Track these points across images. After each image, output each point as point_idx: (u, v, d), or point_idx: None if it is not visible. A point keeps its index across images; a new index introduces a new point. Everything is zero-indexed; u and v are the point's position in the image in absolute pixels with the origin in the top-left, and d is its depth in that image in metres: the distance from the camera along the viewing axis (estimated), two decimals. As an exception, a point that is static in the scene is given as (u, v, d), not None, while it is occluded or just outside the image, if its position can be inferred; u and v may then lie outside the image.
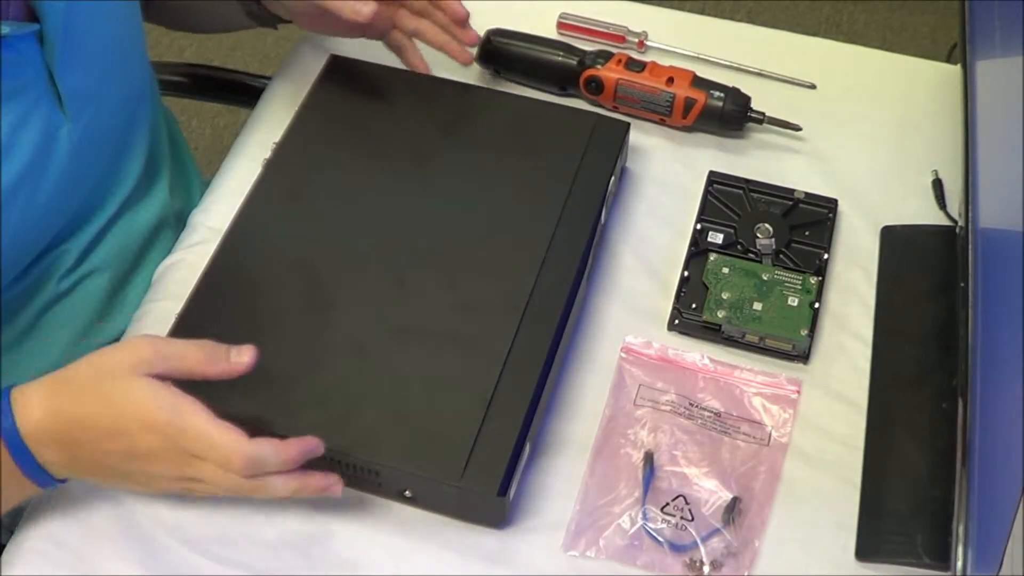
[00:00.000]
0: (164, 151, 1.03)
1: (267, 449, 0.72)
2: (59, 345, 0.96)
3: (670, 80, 1.01)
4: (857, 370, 0.89)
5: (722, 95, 1.00)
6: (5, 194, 0.81)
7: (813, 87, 1.06)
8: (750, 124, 1.02)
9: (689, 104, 1.00)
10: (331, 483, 0.76)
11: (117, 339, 0.92)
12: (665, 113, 1.01)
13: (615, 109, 1.03)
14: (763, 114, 1.01)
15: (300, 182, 0.93)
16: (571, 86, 1.04)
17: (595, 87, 1.02)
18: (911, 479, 0.82)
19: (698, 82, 1.01)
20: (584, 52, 1.04)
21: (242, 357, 0.75)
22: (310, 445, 0.74)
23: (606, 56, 1.03)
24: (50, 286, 0.93)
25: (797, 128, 1.01)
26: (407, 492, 0.80)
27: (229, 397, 0.80)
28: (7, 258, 0.85)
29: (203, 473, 0.73)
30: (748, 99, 1.01)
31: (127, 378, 0.72)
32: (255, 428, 0.74)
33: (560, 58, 1.03)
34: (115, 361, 0.73)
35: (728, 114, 1.01)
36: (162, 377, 0.73)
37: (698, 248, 0.94)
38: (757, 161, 1.01)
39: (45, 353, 0.95)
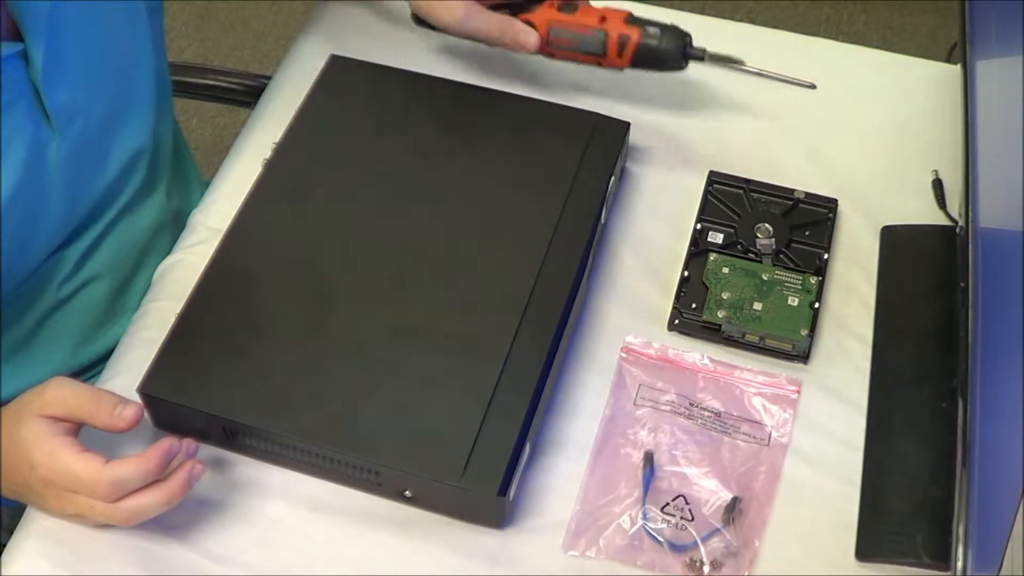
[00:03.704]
0: (167, 156, 1.03)
1: (126, 468, 0.74)
2: (61, 352, 0.96)
3: (602, 19, 0.97)
4: (857, 370, 0.89)
5: (657, 31, 0.96)
6: None
7: (813, 87, 1.06)
8: (751, 124, 1.02)
9: (623, 42, 0.96)
10: (190, 468, 0.76)
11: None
12: (600, 54, 0.98)
13: (551, 56, 1.00)
14: (703, 51, 0.97)
15: (300, 182, 0.93)
16: None
17: None
18: (911, 479, 0.82)
19: (632, 20, 0.97)
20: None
21: (125, 412, 0.76)
22: (166, 448, 0.75)
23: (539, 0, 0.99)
24: (49, 293, 0.93)
25: (741, 62, 0.98)
26: (407, 492, 0.80)
27: (231, 397, 0.81)
28: (8, 271, 0.85)
29: (79, 507, 0.75)
30: (687, 35, 0.97)
31: (28, 419, 0.75)
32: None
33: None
34: (27, 401, 0.76)
35: (666, 51, 0.96)
36: (64, 420, 0.76)
37: (698, 248, 0.94)
38: (757, 160, 1.01)
39: (47, 360, 0.95)
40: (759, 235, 0.94)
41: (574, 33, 0.97)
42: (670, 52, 0.97)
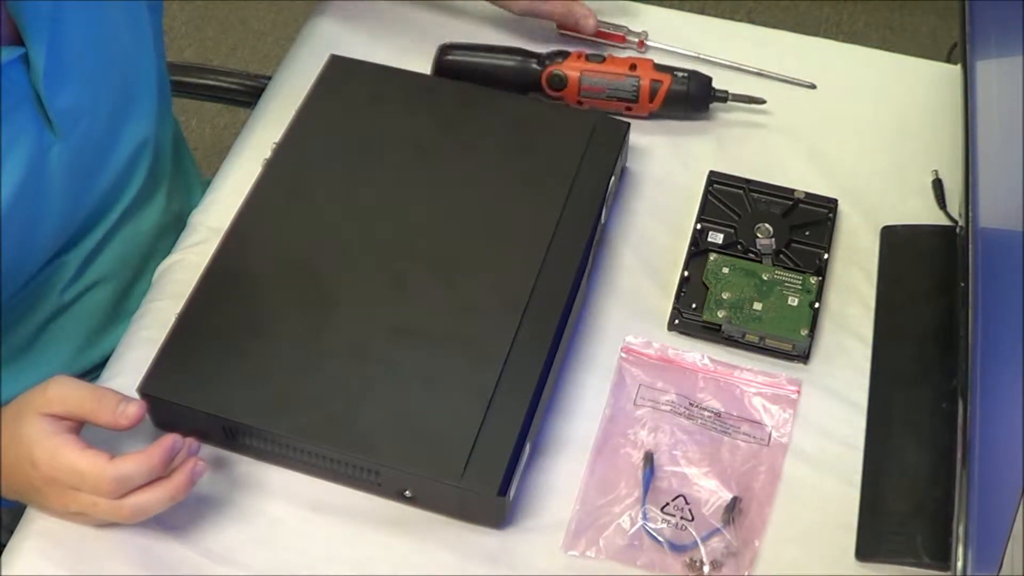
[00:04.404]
0: (168, 159, 1.03)
1: (129, 465, 0.74)
2: (63, 356, 0.96)
3: (633, 67, 1.01)
4: (857, 370, 0.89)
5: (686, 76, 1.01)
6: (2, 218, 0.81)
7: (813, 87, 1.06)
8: (750, 121, 1.02)
9: (655, 87, 1.00)
10: (192, 466, 0.76)
11: None
12: (632, 100, 1.01)
13: (579, 104, 1.03)
14: (727, 92, 1.02)
15: (300, 182, 0.93)
16: (532, 88, 1.03)
17: (558, 83, 1.02)
18: (911, 479, 0.82)
19: (660, 67, 1.01)
20: (539, 53, 1.03)
21: (127, 410, 0.76)
22: (169, 444, 0.75)
23: (564, 54, 1.02)
24: (52, 298, 0.93)
25: (762, 101, 1.02)
26: (407, 492, 0.80)
27: (231, 397, 0.81)
28: (9, 276, 0.85)
29: (83, 505, 0.75)
30: (710, 79, 1.02)
31: (29, 418, 0.75)
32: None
33: (518, 63, 1.03)
34: (28, 400, 0.76)
35: (693, 95, 1.01)
36: (66, 418, 0.75)
37: (698, 248, 0.94)
38: (757, 161, 1.01)
39: (49, 364, 0.95)
40: (759, 235, 0.94)
41: (609, 81, 1.01)
42: (698, 96, 1.01)
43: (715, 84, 1.02)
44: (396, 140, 0.96)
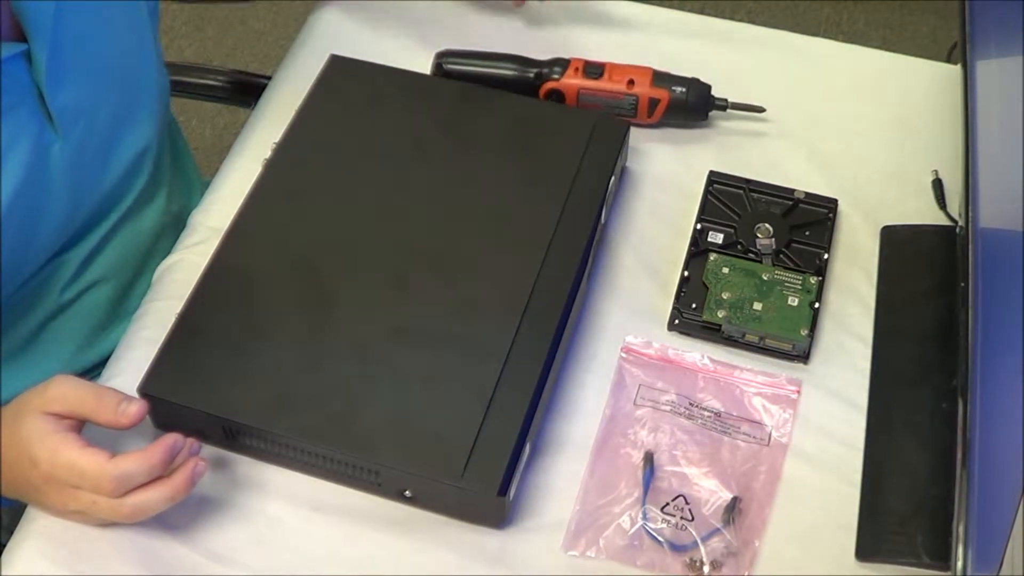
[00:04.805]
0: (167, 159, 1.03)
1: (130, 463, 0.74)
2: (63, 356, 0.96)
3: (631, 82, 1.00)
4: (857, 370, 0.89)
5: (684, 89, 1.00)
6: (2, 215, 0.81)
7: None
8: (751, 124, 1.02)
9: (654, 104, 1.00)
10: (193, 466, 0.76)
11: None
12: (630, 114, 1.01)
13: None
14: (726, 101, 1.02)
15: (300, 182, 0.93)
16: (531, 96, 1.03)
17: (556, 98, 1.02)
18: (911, 479, 0.82)
19: (659, 78, 1.01)
20: (539, 62, 1.02)
21: (129, 409, 0.76)
22: (170, 443, 0.75)
23: (562, 64, 1.02)
24: (52, 297, 0.93)
25: (761, 110, 1.02)
26: (407, 492, 0.80)
27: (231, 397, 0.81)
28: (9, 274, 0.85)
29: (82, 503, 0.75)
30: (709, 87, 1.01)
31: (30, 416, 0.75)
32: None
33: (515, 73, 1.02)
34: (29, 399, 0.76)
35: (692, 106, 1.01)
36: (67, 417, 0.75)
37: (698, 248, 0.94)
38: (757, 161, 1.01)
39: (48, 364, 0.95)
40: (759, 235, 0.94)
41: (606, 99, 1.01)
42: (696, 107, 1.01)
43: (715, 92, 1.01)
44: (396, 140, 0.96)
